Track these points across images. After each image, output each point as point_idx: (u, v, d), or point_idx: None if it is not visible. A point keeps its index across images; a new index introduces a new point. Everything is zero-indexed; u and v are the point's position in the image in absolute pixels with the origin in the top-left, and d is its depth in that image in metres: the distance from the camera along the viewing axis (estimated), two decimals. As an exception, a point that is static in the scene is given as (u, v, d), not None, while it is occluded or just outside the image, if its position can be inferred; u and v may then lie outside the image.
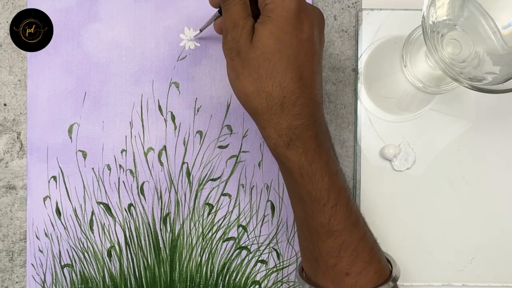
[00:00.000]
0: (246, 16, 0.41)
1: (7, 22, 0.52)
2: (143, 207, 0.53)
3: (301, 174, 0.41)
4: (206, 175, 0.53)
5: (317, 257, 0.43)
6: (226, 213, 0.53)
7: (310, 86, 0.41)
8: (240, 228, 0.53)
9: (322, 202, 0.41)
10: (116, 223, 0.53)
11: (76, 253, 0.52)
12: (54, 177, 0.52)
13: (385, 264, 0.44)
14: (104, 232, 0.52)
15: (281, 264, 0.53)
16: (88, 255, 0.52)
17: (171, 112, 0.53)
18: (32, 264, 0.52)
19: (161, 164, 0.53)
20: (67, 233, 0.52)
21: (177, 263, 0.53)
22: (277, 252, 0.53)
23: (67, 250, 0.52)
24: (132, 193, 0.53)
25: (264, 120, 0.41)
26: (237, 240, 0.53)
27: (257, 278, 0.53)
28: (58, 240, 0.52)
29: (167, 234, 0.53)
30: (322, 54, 0.43)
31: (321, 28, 0.42)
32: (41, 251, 0.52)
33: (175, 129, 0.53)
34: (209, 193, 0.53)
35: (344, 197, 0.42)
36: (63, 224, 0.52)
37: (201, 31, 0.51)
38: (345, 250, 0.42)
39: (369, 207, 0.53)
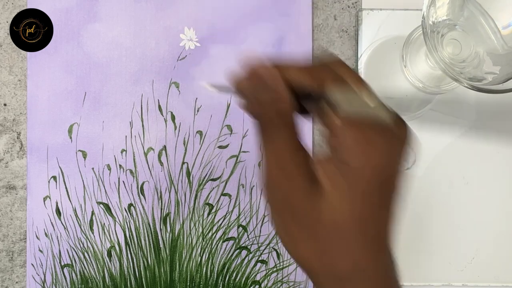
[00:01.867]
0: (300, 163, 0.29)
1: (7, 22, 0.52)
2: (143, 207, 0.53)
3: None
4: (206, 175, 0.53)
5: None
6: (226, 213, 0.53)
7: (388, 259, 0.32)
8: (240, 228, 0.53)
9: None
10: (116, 223, 0.53)
11: (76, 253, 0.52)
12: (54, 177, 0.52)
13: None
14: (104, 232, 0.52)
15: (281, 264, 0.53)
16: (88, 255, 0.52)
17: (171, 112, 0.53)
18: (32, 264, 0.52)
19: (161, 164, 0.53)
20: (67, 233, 0.52)
21: (177, 263, 0.53)
22: (277, 252, 0.53)
23: (67, 250, 0.52)
24: (132, 193, 0.53)
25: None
26: (237, 240, 0.53)
27: (257, 278, 0.53)
28: (58, 240, 0.52)
29: (167, 234, 0.53)
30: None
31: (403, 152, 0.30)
32: (41, 251, 0.52)
33: (175, 129, 0.53)
34: (209, 193, 0.53)
35: None
36: (63, 224, 0.52)
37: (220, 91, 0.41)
38: None
39: (369, 207, 0.53)
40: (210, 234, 0.53)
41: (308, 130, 0.52)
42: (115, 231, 0.53)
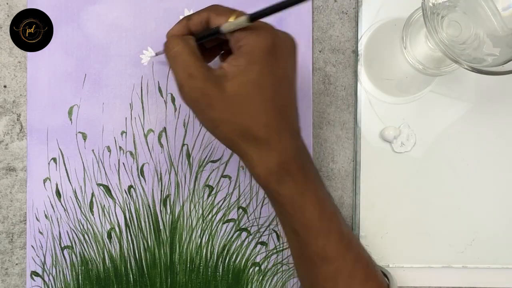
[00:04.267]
0: (201, 65, 0.40)
1: (7, 4, 0.52)
2: (143, 188, 0.53)
3: (292, 207, 0.41)
4: (206, 157, 0.53)
5: (313, 283, 0.43)
6: (226, 195, 0.53)
7: (291, 118, 0.41)
8: (240, 210, 0.53)
9: (315, 231, 0.42)
10: (116, 204, 0.53)
11: (76, 235, 0.52)
12: (54, 159, 0.52)
13: (381, 279, 0.45)
14: (104, 214, 0.52)
15: (281, 245, 0.53)
16: (88, 236, 0.52)
17: (171, 94, 0.53)
18: (32, 246, 0.52)
19: (161, 146, 0.53)
20: (67, 214, 0.52)
21: (177, 245, 0.53)
22: (277, 233, 0.53)
23: (67, 231, 0.52)
24: (132, 175, 0.53)
25: (253, 160, 0.41)
26: (237, 222, 0.53)
27: (257, 260, 0.53)
28: (58, 222, 0.52)
29: (167, 216, 0.53)
30: (296, 80, 0.43)
31: (294, 56, 0.42)
32: (41, 232, 0.52)
33: (175, 111, 0.53)
34: (209, 175, 0.53)
35: (336, 223, 0.42)
36: (63, 206, 0.52)
37: (157, 55, 0.52)
38: (341, 275, 0.42)
39: (369, 188, 0.53)
40: (210, 216, 0.53)
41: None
42: (115, 212, 0.53)
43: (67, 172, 0.52)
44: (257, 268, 0.53)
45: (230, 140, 0.41)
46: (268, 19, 0.38)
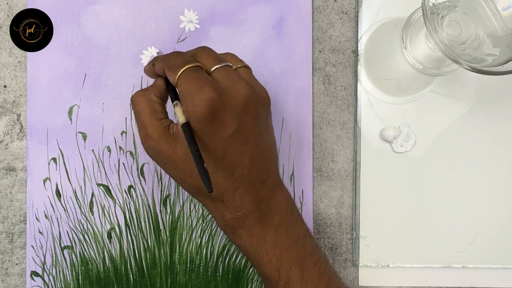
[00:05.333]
0: (158, 124, 0.41)
1: (7, 4, 0.52)
2: (143, 189, 0.53)
3: (249, 258, 0.43)
4: (206, 157, 0.53)
5: None
6: (226, 195, 0.53)
7: (248, 173, 0.41)
8: (240, 210, 0.53)
9: (274, 281, 0.42)
10: (116, 204, 0.53)
11: (76, 235, 0.52)
12: (54, 159, 0.52)
13: None
14: (104, 214, 0.52)
15: (281, 245, 0.53)
16: (88, 236, 0.52)
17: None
18: (32, 246, 0.52)
19: (161, 146, 0.53)
20: (67, 214, 0.52)
21: (177, 245, 0.53)
22: (277, 234, 0.53)
23: (67, 231, 0.52)
24: (132, 175, 0.53)
25: (211, 211, 0.43)
26: (237, 222, 0.53)
27: (257, 260, 0.53)
28: (58, 222, 0.52)
29: (167, 216, 0.53)
30: (267, 124, 0.43)
31: (252, 108, 0.41)
32: (41, 232, 0.52)
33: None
34: (209, 175, 0.53)
35: (296, 271, 0.42)
36: (63, 206, 0.52)
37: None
38: None
39: (369, 188, 0.53)
40: (210, 215, 0.53)
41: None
42: (115, 213, 0.53)
43: (67, 172, 0.52)
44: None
45: (189, 193, 0.44)
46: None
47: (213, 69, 0.41)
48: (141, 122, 0.42)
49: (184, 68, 0.40)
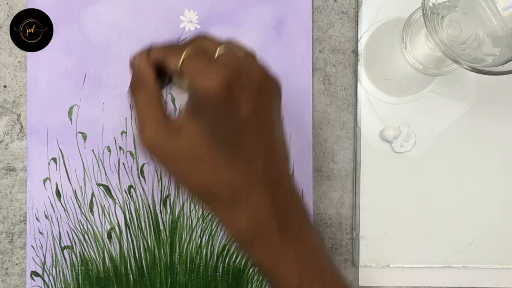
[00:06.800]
0: (158, 112, 0.36)
1: (7, 4, 0.52)
2: (143, 189, 0.53)
3: (266, 273, 0.37)
4: (206, 157, 0.53)
5: None
6: (226, 195, 0.53)
7: (264, 169, 0.35)
8: (240, 210, 0.53)
9: None
10: (116, 205, 0.53)
11: (76, 235, 0.52)
12: (54, 159, 0.52)
13: None
14: (104, 214, 0.52)
15: (281, 245, 0.53)
16: (88, 237, 0.52)
17: (171, 94, 0.53)
18: (32, 246, 0.52)
19: (161, 146, 0.53)
20: (67, 215, 0.52)
21: (177, 245, 0.53)
22: (277, 234, 0.53)
23: (67, 232, 0.52)
24: (132, 175, 0.53)
25: (220, 220, 0.36)
26: (237, 222, 0.53)
27: (257, 260, 0.53)
28: (58, 222, 0.52)
29: (167, 216, 0.53)
30: (280, 116, 0.37)
31: (266, 90, 0.36)
32: (41, 232, 0.52)
33: (175, 111, 0.53)
34: (209, 175, 0.53)
35: (318, 284, 0.36)
36: (63, 206, 0.52)
37: None
38: None
39: (369, 188, 0.53)
40: (210, 215, 0.53)
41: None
42: (115, 213, 0.53)
43: (67, 172, 0.52)
44: (257, 268, 0.53)
45: (194, 195, 0.36)
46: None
47: (219, 49, 0.36)
48: (140, 111, 0.37)
49: (189, 51, 0.36)
